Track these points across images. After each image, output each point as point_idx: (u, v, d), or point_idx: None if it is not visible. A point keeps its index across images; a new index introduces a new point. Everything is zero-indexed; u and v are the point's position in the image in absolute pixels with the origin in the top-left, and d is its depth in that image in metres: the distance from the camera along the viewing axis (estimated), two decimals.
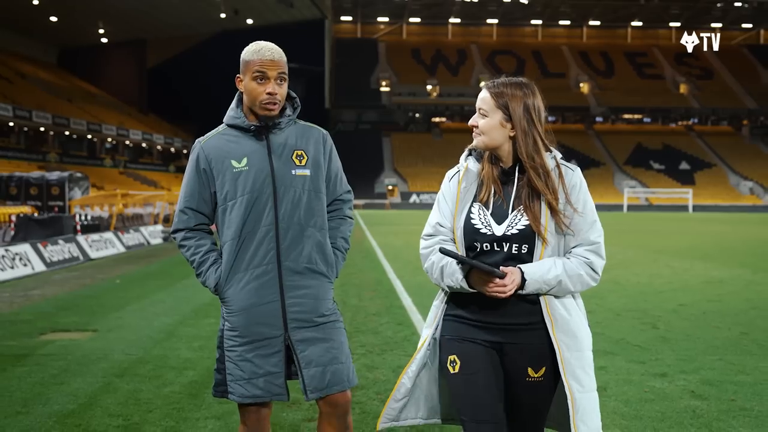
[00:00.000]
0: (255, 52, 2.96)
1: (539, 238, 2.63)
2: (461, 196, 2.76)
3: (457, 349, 2.71)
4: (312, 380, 2.93)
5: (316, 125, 3.19)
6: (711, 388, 5.58)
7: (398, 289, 11.49)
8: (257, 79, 2.93)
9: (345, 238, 3.23)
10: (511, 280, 2.57)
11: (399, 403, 2.83)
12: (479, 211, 2.71)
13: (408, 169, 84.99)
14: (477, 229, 2.68)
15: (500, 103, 2.68)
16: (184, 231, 3.06)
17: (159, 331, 7.95)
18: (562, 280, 2.61)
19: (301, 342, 2.95)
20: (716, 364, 6.39)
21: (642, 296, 10.82)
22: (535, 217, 2.63)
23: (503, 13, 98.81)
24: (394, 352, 6.81)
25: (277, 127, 3.01)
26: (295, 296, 2.96)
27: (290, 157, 3.00)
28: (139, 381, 5.75)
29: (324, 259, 3.06)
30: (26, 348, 7.03)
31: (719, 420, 4.78)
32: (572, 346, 2.63)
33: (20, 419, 4.76)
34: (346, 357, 3.04)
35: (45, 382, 5.73)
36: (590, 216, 2.70)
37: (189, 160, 3.06)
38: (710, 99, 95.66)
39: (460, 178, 2.79)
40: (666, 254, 18.80)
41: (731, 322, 8.54)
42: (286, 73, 2.98)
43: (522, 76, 2.81)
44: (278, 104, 2.96)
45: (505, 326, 2.66)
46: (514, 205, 2.68)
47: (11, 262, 14.02)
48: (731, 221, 44.79)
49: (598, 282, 2.69)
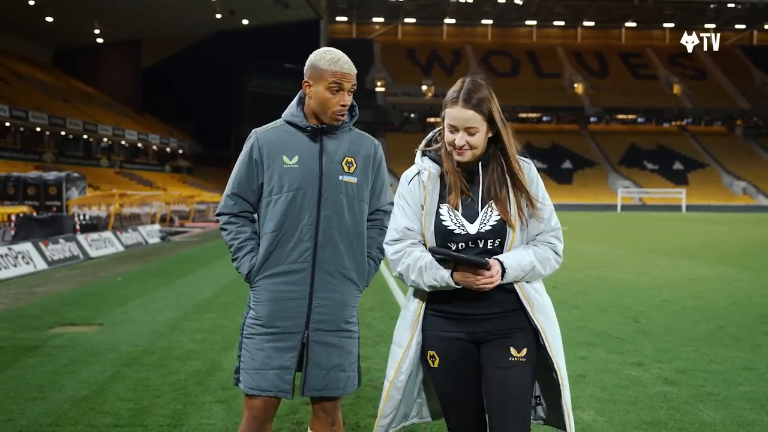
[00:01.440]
0: (332, 62, 3.01)
1: (510, 229, 2.74)
2: (429, 199, 2.80)
3: (436, 346, 2.80)
4: (312, 379, 3.03)
5: (369, 134, 3.28)
6: (683, 375, 5.96)
7: (391, 286, 11.86)
8: (332, 90, 3.00)
9: (381, 248, 3.23)
10: (496, 270, 2.67)
11: (387, 418, 2.89)
12: (449, 212, 2.77)
13: (403, 168, 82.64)
14: (450, 231, 2.75)
15: (486, 114, 2.74)
16: (228, 215, 3.12)
17: (162, 324, 8.31)
18: (535, 265, 2.74)
19: (317, 343, 3.03)
20: (691, 354, 6.77)
21: (627, 293, 11.19)
22: (505, 209, 2.74)
23: (498, 14, 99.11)
24: (387, 344, 7.12)
25: (333, 132, 3.10)
26: (322, 298, 3.04)
27: (340, 163, 3.07)
28: (147, 370, 6.11)
29: (356, 267, 3.13)
30: (37, 340, 7.38)
31: (687, 404, 5.15)
32: (550, 326, 2.78)
33: (38, 403, 5.11)
34: (350, 366, 3.12)
35: (58, 370, 6.08)
36: (549, 205, 2.84)
37: (243, 147, 3.12)
38: (704, 99, 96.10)
39: (425, 180, 2.83)
40: (655, 253, 19.17)
41: (710, 317, 8.92)
42: (356, 86, 3.09)
43: (516, 77, 2.97)
44: (346, 114, 3.09)
45: (484, 316, 2.76)
46: (483, 201, 2.77)
47: (14, 260, 14.35)
48: (723, 221, 45.20)
49: (560, 264, 2.85)
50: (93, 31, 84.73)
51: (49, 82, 77.97)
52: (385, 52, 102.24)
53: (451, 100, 2.78)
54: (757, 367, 6.27)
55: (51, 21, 77.61)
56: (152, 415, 4.82)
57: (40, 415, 4.82)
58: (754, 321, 8.64)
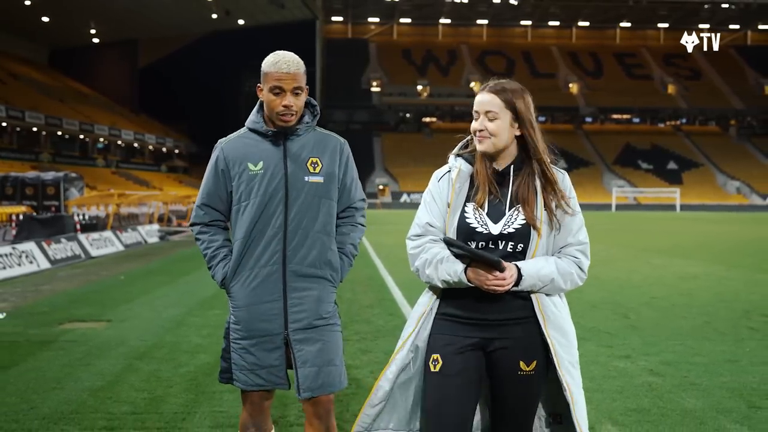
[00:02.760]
0: (272, 64, 3.05)
1: (535, 234, 2.71)
2: (455, 197, 2.80)
3: (441, 350, 2.74)
4: (306, 380, 3.05)
5: (335, 133, 3.30)
6: (668, 367, 6.27)
7: (389, 283, 12.17)
8: (274, 92, 3.03)
9: (354, 244, 3.32)
10: (510, 275, 2.63)
11: (374, 409, 2.85)
12: (474, 211, 2.75)
13: (399, 168, 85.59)
14: (473, 228, 2.73)
15: (508, 103, 2.75)
16: (200, 225, 3.21)
17: (169, 320, 8.61)
18: (555, 278, 2.69)
19: (299, 342, 3.07)
20: (677, 347, 7.09)
21: (619, 290, 11.51)
22: (531, 212, 2.71)
23: (493, 14, 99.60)
24: (386, 338, 7.48)
25: (295, 134, 3.13)
26: (296, 297, 3.08)
27: (305, 164, 3.11)
28: (158, 363, 6.40)
29: (329, 264, 3.17)
30: (49, 335, 7.67)
31: (671, 392, 5.47)
32: (563, 342, 2.72)
33: (57, 393, 5.40)
34: (340, 360, 3.15)
35: (73, 363, 6.37)
36: (580, 218, 2.81)
37: (210, 159, 3.20)
38: (698, 99, 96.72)
39: (454, 178, 2.83)
40: (647, 252, 19.52)
41: (696, 313, 9.25)
42: (302, 86, 3.07)
43: (512, 77, 2.95)
44: (294, 115, 3.07)
45: (496, 322, 2.72)
46: (511, 204, 2.74)
47: (18, 259, 14.62)
48: (716, 221, 45.62)
49: (584, 281, 2.81)
50: (89, 31, 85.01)
51: (45, 82, 78.15)
52: (380, 52, 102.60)
53: (480, 89, 2.84)
54: (739, 359, 6.59)
55: (47, 21, 77.83)
56: (166, 404, 5.12)
57: (60, 404, 5.11)
58: (739, 317, 8.97)
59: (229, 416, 4.82)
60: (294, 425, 4.64)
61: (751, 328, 8.18)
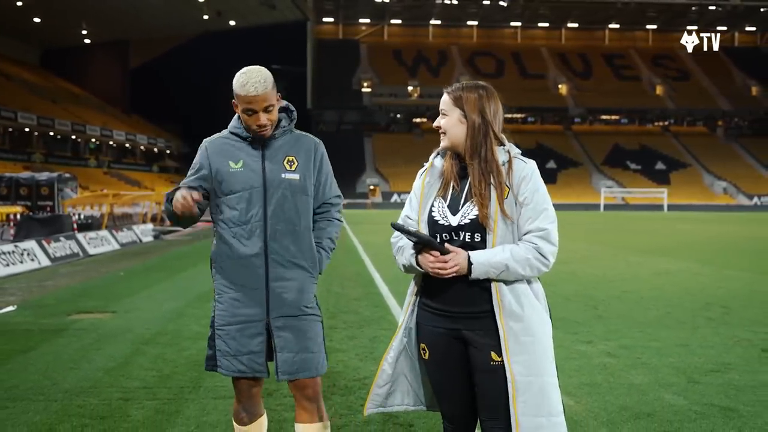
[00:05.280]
0: (241, 86, 3.18)
1: (488, 227, 2.81)
2: (425, 191, 2.97)
3: (426, 338, 2.94)
4: (283, 364, 3.25)
5: (310, 134, 3.49)
6: (624, 350, 6.96)
7: (376, 279, 12.84)
8: (246, 113, 3.22)
9: (331, 238, 3.51)
10: (453, 258, 2.75)
11: (383, 389, 3.04)
12: (439, 204, 2.91)
13: (389, 169, 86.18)
14: (436, 221, 2.88)
15: (457, 101, 2.92)
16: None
17: (169, 312, 9.24)
18: (509, 264, 2.74)
19: (279, 328, 3.25)
20: (636, 334, 7.77)
21: (593, 285, 12.19)
22: (483, 205, 2.80)
23: (483, 15, 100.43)
24: (371, 326, 8.14)
25: (272, 138, 3.33)
26: (278, 286, 3.26)
27: (281, 162, 3.31)
28: (162, 347, 7.05)
29: (307, 255, 3.35)
30: (60, 325, 8.30)
31: (622, 371, 6.14)
32: (520, 332, 2.75)
33: (74, 372, 6.04)
34: (318, 347, 3.32)
35: (85, 347, 7.02)
36: (540, 205, 2.84)
37: (197, 154, 3.42)
38: (686, 100, 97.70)
39: (425, 172, 3.03)
40: (627, 250, 20.22)
41: (662, 305, 9.94)
42: (273, 103, 3.22)
43: (501, 78, 3.22)
44: (269, 128, 3.26)
45: (463, 314, 2.84)
46: (467, 196, 2.86)
47: (20, 257, 15.22)
48: (701, 220, 46.42)
49: (549, 267, 2.84)
50: (81, 31, 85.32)
51: (36, 83, 78.50)
52: (371, 53, 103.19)
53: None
54: (690, 344, 7.28)
55: (39, 22, 78.12)
56: (174, 380, 5.77)
57: (79, 381, 5.76)
58: (700, 308, 9.66)
59: (230, 390, 5.42)
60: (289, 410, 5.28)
61: (708, 318, 8.87)
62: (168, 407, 5.06)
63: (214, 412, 4.98)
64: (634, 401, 5.24)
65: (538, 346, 2.77)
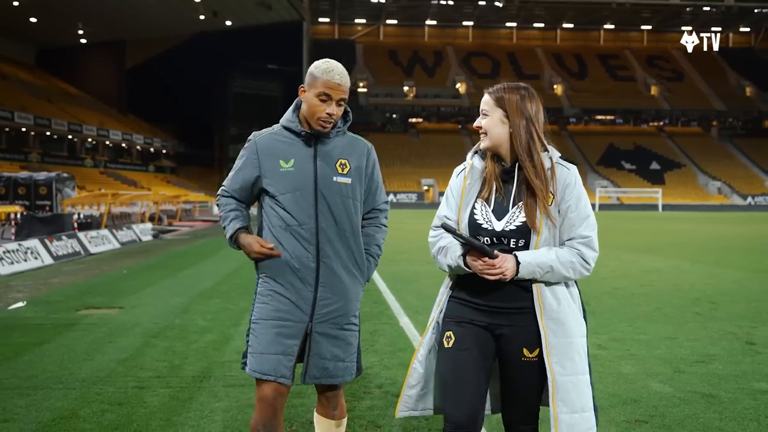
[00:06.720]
0: (326, 71, 3.15)
1: (534, 232, 2.84)
2: (466, 192, 2.98)
3: (453, 327, 2.95)
4: (313, 368, 3.21)
5: (364, 138, 3.42)
6: (614, 342, 7.28)
7: (375, 276, 13.11)
8: (321, 98, 3.14)
9: (378, 245, 3.44)
10: (502, 263, 2.79)
11: (413, 389, 3.04)
12: (482, 207, 2.92)
13: (385, 169, 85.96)
14: (479, 224, 2.90)
15: (499, 102, 2.92)
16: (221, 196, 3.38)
17: (175, 307, 9.53)
18: (554, 265, 2.80)
19: (319, 335, 3.19)
20: (626, 328, 8.09)
21: (584, 281, 12.33)
22: (530, 212, 2.84)
23: (478, 16, 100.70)
24: (371, 321, 8.46)
25: (326, 137, 3.25)
26: (327, 292, 3.19)
27: (334, 165, 3.23)
28: (171, 340, 7.34)
29: (356, 262, 3.29)
30: (71, 319, 8.59)
31: (612, 361, 6.46)
32: (558, 332, 2.82)
33: (89, 363, 6.33)
34: (349, 357, 3.27)
35: (97, 341, 7.31)
36: (583, 212, 2.90)
37: (242, 151, 3.33)
38: (680, 101, 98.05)
39: (466, 174, 3.02)
40: (620, 249, 20.51)
41: (652, 301, 10.26)
42: (346, 98, 3.21)
43: (497, 78, 3.39)
44: (332, 123, 3.21)
45: (499, 309, 2.90)
46: (514, 201, 2.89)
47: (24, 255, 15.49)
48: (695, 220, 46.75)
49: (590, 271, 2.93)
50: (76, 31, 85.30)
51: (33, 83, 78.63)
52: (367, 53, 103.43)
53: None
54: (677, 337, 7.60)
55: (35, 21, 78.18)
56: (185, 370, 6.06)
57: (94, 371, 6.05)
58: (689, 304, 9.98)
59: (239, 379, 5.75)
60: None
61: (696, 313, 9.19)
62: (181, 394, 5.35)
63: (225, 398, 5.26)
64: (622, 389, 5.55)
65: (573, 347, 2.86)
